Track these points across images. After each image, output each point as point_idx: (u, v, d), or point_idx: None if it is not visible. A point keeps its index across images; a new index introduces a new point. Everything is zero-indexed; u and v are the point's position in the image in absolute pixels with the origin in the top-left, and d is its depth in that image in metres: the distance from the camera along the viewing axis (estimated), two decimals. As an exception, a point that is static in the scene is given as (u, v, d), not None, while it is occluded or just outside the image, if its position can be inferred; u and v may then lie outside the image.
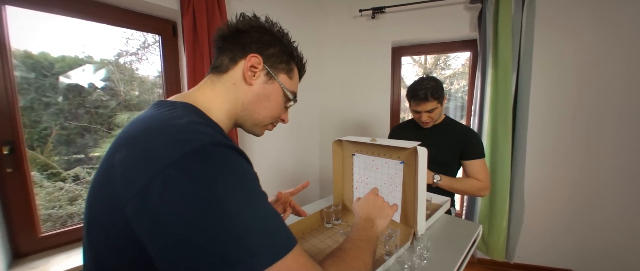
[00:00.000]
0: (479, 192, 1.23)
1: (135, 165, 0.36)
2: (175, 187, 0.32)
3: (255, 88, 0.55)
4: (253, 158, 1.72)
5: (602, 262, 1.75)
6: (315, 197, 2.34)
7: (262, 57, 0.54)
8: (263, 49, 0.54)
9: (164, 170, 0.33)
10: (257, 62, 0.54)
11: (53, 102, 1.21)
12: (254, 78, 0.55)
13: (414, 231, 0.80)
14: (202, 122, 0.43)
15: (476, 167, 1.23)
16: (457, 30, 1.87)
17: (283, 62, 0.57)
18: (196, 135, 0.37)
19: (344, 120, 2.25)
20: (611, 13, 1.58)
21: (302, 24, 2.06)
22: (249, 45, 0.54)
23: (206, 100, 0.52)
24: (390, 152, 0.88)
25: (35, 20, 1.13)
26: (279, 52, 0.56)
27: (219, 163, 0.35)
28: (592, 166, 1.72)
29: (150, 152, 0.36)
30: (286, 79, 0.59)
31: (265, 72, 0.55)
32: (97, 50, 1.32)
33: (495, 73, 1.68)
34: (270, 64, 0.56)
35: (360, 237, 0.57)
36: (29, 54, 1.15)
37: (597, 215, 1.74)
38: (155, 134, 0.38)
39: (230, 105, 0.54)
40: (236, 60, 0.54)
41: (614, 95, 1.62)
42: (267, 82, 0.56)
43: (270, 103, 0.58)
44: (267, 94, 0.57)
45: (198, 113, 0.48)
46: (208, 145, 0.36)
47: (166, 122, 0.40)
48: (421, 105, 1.21)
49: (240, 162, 0.38)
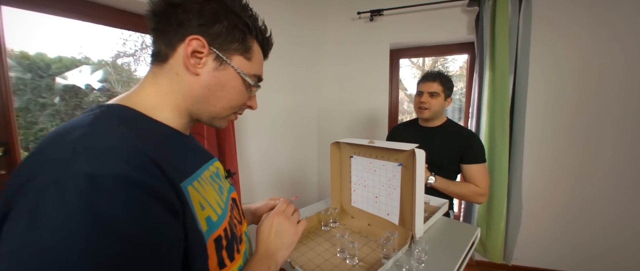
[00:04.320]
0: (475, 198, 1.18)
1: None
2: (12, 231, 0.27)
3: (204, 78, 0.44)
4: (250, 158, 1.74)
5: (600, 264, 1.76)
6: (313, 199, 2.33)
7: (205, 39, 0.42)
8: (206, 26, 0.42)
9: (11, 202, 0.28)
10: (200, 46, 0.42)
11: (49, 103, 1.20)
12: (200, 66, 0.43)
13: (412, 234, 0.80)
14: (110, 135, 0.33)
15: (475, 172, 1.19)
16: (454, 33, 1.88)
17: (236, 41, 0.45)
18: (73, 157, 0.29)
19: (342, 122, 2.25)
20: (609, 12, 1.58)
21: (300, 24, 2.06)
22: (187, 23, 0.41)
23: (147, 99, 0.43)
24: (388, 154, 0.88)
25: (32, 21, 1.12)
26: (229, 27, 0.44)
27: (72, 205, 0.26)
28: (590, 168, 1.72)
29: (16, 175, 0.31)
30: (243, 61, 0.47)
31: (213, 56, 0.44)
32: (95, 51, 1.31)
33: (492, 75, 1.69)
34: (218, 45, 0.43)
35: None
36: (25, 55, 1.14)
37: (596, 217, 1.74)
38: (37, 153, 0.32)
39: (177, 100, 0.45)
40: (174, 45, 0.42)
41: (613, 96, 1.63)
42: (218, 68, 0.44)
43: (227, 93, 0.47)
44: (221, 83, 0.45)
45: (129, 117, 0.39)
46: (72, 176, 0.27)
47: (56, 137, 0.32)
48: (426, 85, 1.24)
49: (115, 204, 0.28)
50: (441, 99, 1.24)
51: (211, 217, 0.42)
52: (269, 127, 1.89)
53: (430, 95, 1.23)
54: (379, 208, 0.94)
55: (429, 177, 1.17)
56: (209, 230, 0.41)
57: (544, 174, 1.81)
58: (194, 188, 0.41)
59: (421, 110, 1.26)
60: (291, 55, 1.99)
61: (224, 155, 1.49)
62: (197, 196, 0.40)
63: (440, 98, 1.23)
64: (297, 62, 2.06)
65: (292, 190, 2.13)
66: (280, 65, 1.92)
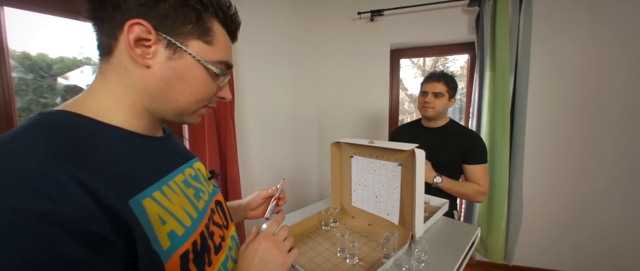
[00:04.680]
0: (476, 197, 1.22)
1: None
2: None
3: (157, 69, 0.37)
4: (249, 158, 1.75)
5: (601, 264, 1.76)
6: (313, 199, 2.33)
7: (149, 22, 0.35)
8: (148, 7, 0.35)
9: None
10: (144, 32, 0.35)
11: (51, 103, 1.21)
12: (149, 57, 0.36)
13: (412, 234, 0.80)
14: (22, 152, 0.27)
15: (477, 172, 1.22)
16: (455, 33, 1.88)
17: (189, 22, 0.37)
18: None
19: (343, 122, 2.25)
20: (609, 12, 1.58)
21: (300, 24, 2.06)
22: (124, 7, 0.34)
23: (97, 101, 0.37)
24: (388, 154, 0.88)
25: (34, 22, 1.13)
26: (176, 6, 0.36)
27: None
28: (590, 167, 1.72)
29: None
30: (202, 46, 0.39)
31: (163, 43, 0.36)
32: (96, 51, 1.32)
33: (493, 75, 1.69)
34: (167, 29, 0.36)
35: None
36: (27, 55, 1.15)
37: (596, 217, 1.74)
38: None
39: (132, 99, 0.38)
40: (114, 33, 0.36)
41: (613, 95, 1.63)
42: (172, 57, 0.37)
43: (188, 85, 0.40)
44: (178, 74, 0.38)
45: (64, 128, 0.32)
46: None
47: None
48: (431, 85, 1.26)
49: (5, 244, 0.23)
50: (445, 99, 1.25)
51: (175, 231, 0.37)
52: (269, 127, 1.89)
53: (434, 95, 1.25)
54: (379, 208, 0.94)
55: (436, 177, 1.17)
56: (173, 246, 0.36)
57: (544, 174, 1.81)
58: (153, 199, 0.36)
59: (425, 109, 1.27)
60: (291, 55, 1.99)
61: (225, 156, 1.49)
62: (156, 209, 0.35)
63: (445, 98, 1.25)
64: (298, 62, 2.06)
65: (293, 190, 2.13)
66: (281, 65, 1.92)
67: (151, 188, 0.37)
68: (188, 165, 0.48)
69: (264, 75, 1.80)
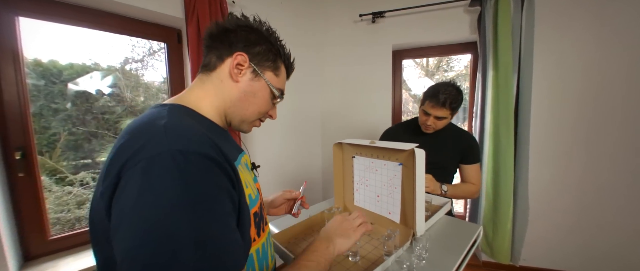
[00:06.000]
0: (472, 195, 1.29)
1: (109, 164, 0.39)
2: (127, 188, 0.35)
3: (242, 85, 0.56)
4: (255, 159, 1.76)
5: (608, 263, 1.73)
6: (317, 198, 2.35)
7: (248, 55, 0.55)
8: (249, 47, 0.55)
9: (122, 170, 0.37)
10: (243, 60, 0.55)
11: (61, 108, 1.25)
12: (240, 75, 0.55)
13: (413, 232, 0.81)
14: (185, 123, 0.44)
15: (473, 171, 1.28)
16: (457, 33, 1.88)
17: (269, 60, 0.58)
18: (167, 138, 0.38)
19: (346, 123, 2.26)
20: (611, 12, 1.57)
21: (302, 26, 2.09)
22: (236, 44, 0.55)
23: (196, 99, 0.54)
24: (389, 154, 0.90)
25: (45, 30, 1.17)
26: (265, 50, 0.57)
27: (173, 172, 0.35)
28: (595, 166, 1.70)
29: (122, 151, 0.38)
30: (272, 77, 0.60)
31: (251, 69, 0.56)
32: (104, 57, 1.36)
33: (495, 75, 1.68)
34: (256, 61, 0.56)
35: (309, 258, 0.56)
36: (38, 62, 1.19)
37: (602, 215, 1.72)
38: (134, 135, 0.40)
39: (218, 102, 0.56)
40: (223, 58, 0.55)
41: (617, 94, 1.61)
42: (253, 79, 0.57)
43: (257, 100, 0.59)
44: (254, 91, 0.57)
45: (188, 112, 0.50)
46: (170, 152, 0.36)
47: (146, 124, 0.42)
48: (435, 109, 1.16)
49: (200, 172, 0.38)
50: (447, 120, 1.21)
51: (251, 195, 0.52)
52: (273, 128, 1.92)
53: (436, 118, 1.19)
54: (381, 207, 0.95)
55: (443, 187, 1.17)
56: (250, 204, 0.51)
57: (549, 173, 1.79)
58: (239, 169, 0.50)
59: (426, 128, 1.24)
60: (295, 57, 2.01)
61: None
62: (243, 175, 0.50)
63: (447, 119, 1.20)
64: (300, 64, 2.07)
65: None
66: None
67: (237, 161, 0.53)
68: (242, 154, 0.62)
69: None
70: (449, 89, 1.14)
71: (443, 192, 1.17)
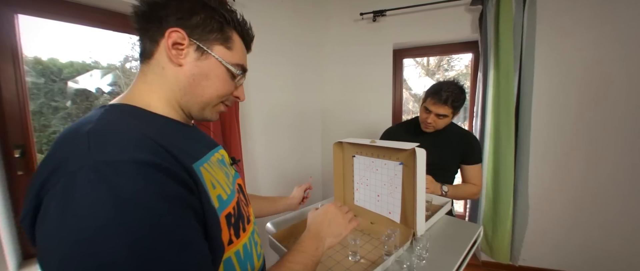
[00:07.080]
0: (473, 196, 1.29)
1: (30, 184, 0.34)
2: (49, 212, 0.30)
3: (187, 68, 0.47)
4: (254, 158, 1.77)
5: (608, 263, 1.73)
6: (317, 197, 2.34)
7: (184, 30, 0.45)
8: (184, 19, 0.45)
9: (41, 191, 0.32)
10: (180, 37, 0.45)
11: (61, 106, 1.25)
12: (182, 57, 0.46)
13: (414, 232, 0.81)
14: (118, 127, 0.37)
15: (475, 172, 1.27)
16: (458, 32, 1.87)
17: (214, 31, 0.47)
18: (89, 148, 0.32)
19: (346, 122, 2.26)
20: (612, 12, 1.57)
21: (303, 25, 2.08)
22: (166, 19, 0.45)
23: (142, 95, 0.47)
24: (390, 154, 0.89)
25: (45, 28, 1.17)
26: (205, 19, 0.46)
27: (98, 188, 0.30)
28: (596, 166, 1.70)
29: (43, 167, 0.34)
30: (224, 51, 0.49)
31: (194, 47, 0.46)
32: (104, 55, 1.36)
33: (497, 74, 1.68)
34: (197, 36, 0.46)
35: (297, 260, 0.51)
36: (38, 60, 1.19)
37: (602, 215, 1.72)
38: (57, 147, 0.36)
39: (167, 93, 0.47)
40: (157, 40, 0.46)
41: (618, 94, 1.61)
42: (200, 58, 0.47)
43: (211, 82, 0.49)
44: (204, 73, 0.48)
45: (132, 112, 0.43)
46: (94, 164, 0.31)
47: (71, 132, 0.36)
48: (437, 106, 1.15)
49: (135, 184, 0.31)
50: (449, 119, 1.20)
51: (221, 195, 0.46)
52: (273, 127, 1.91)
53: (437, 116, 1.18)
54: (381, 207, 0.95)
55: (443, 187, 1.17)
56: (221, 207, 0.45)
57: (550, 173, 1.79)
58: (205, 169, 0.45)
59: (426, 126, 1.23)
60: (295, 56, 2.01)
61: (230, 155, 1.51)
62: (208, 176, 0.44)
63: (448, 118, 1.19)
64: (301, 63, 2.08)
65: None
66: (285, 65, 1.94)
67: (201, 160, 0.46)
68: (216, 150, 0.57)
69: (268, 76, 1.82)
70: (452, 87, 1.14)
71: (443, 193, 1.17)
